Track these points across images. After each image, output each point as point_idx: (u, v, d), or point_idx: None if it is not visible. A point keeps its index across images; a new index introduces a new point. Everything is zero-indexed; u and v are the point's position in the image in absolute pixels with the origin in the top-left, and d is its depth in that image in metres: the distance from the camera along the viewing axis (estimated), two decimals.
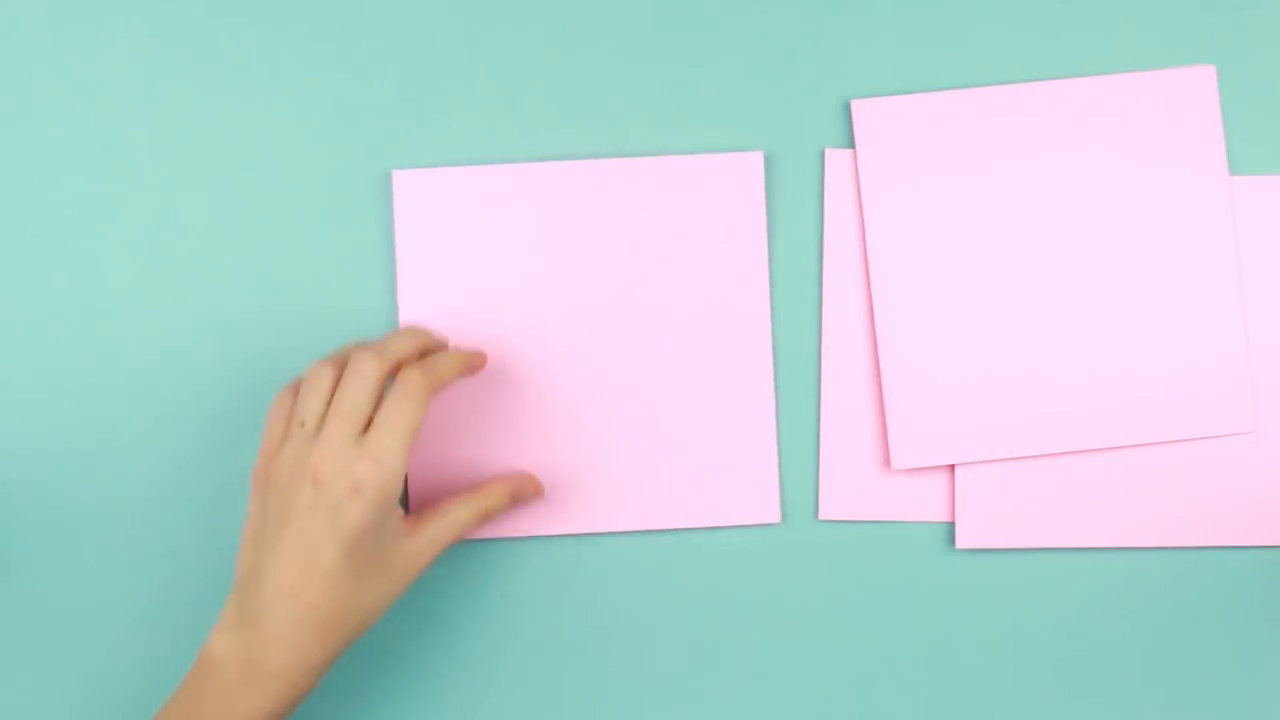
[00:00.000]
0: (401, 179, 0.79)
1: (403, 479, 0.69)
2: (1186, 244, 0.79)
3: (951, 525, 0.80)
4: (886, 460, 0.80)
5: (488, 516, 0.75)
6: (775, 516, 0.79)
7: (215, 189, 0.80)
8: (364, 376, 0.70)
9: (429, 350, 0.75)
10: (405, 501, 0.79)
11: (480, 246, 0.79)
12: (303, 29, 0.80)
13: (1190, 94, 0.79)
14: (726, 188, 0.79)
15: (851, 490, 0.80)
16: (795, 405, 0.80)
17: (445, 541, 0.73)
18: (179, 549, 0.78)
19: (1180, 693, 0.80)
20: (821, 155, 0.80)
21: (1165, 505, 0.79)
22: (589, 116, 0.80)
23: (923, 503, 0.80)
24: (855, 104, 0.79)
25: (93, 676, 0.79)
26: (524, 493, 0.76)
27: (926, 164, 0.79)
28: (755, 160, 0.79)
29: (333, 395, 0.70)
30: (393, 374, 0.72)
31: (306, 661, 0.69)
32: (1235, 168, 0.80)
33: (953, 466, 0.79)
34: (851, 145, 0.80)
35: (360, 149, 0.80)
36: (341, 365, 0.71)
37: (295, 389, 0.73)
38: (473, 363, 0.76)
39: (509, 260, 0.79)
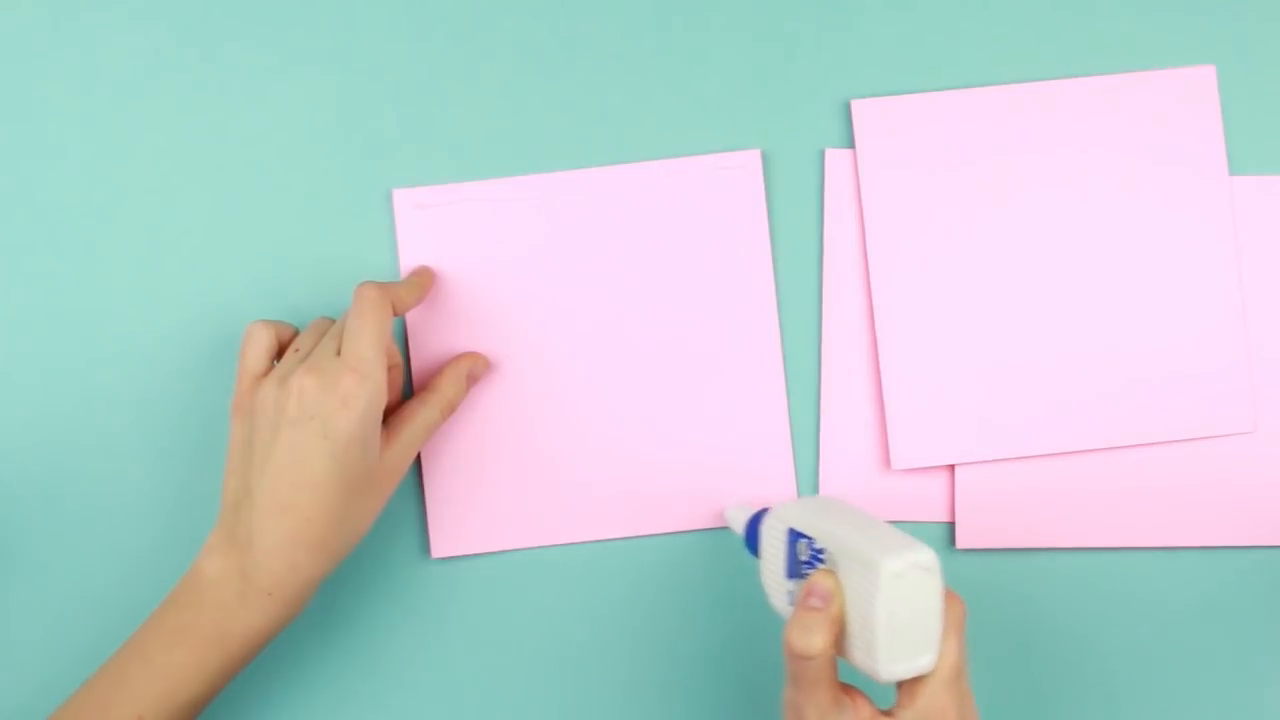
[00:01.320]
0: (401, 197, 0.79)
1: (385, 387, 0.70)
2: (1186, 244, 0.79)
3: (951, 525, 0.80)
4: (886, 460, 0.79)
5: (451, 408, 0.76)
6: None
7: (216, 197, 0.79)
8: (354, 315, 0.71)
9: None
10: (425, 534, 0.80)
11: (482, 259, 0.79)
12: (303, 43, 0.79)
13: (1190, 94, 0.79)
14: (725, 187, 0.79)
15: (852, 490, 0.80)
16: (796, 405, 0.80)
17: (418, 442, 0.74)
18: (179, 549, 0.77)
19: (1180, 693, 0.80)
20: (821, 155, 0.80)
21: (1165, 505, 0.79)
22: (589, 120, 0.80)
23: (923, 503, 0.80)
24: (855, 104, 0.79)
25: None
26: (476, 372, 0.77)
27: (927, 164, 0.79)
28: (753, 158, 0.79)
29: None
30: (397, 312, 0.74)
31: (301, 577, 0.70)
32: (1235, 168, 0.80)
33: (953, 466, 0.79)
34: (851, 145, 0.80)
35: (360, 162, 0.79)
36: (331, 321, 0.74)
37: (268, 324, 0.74)
38: (426, 284, 0.77)
39: (512, 271, 0.79)
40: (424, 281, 0.77)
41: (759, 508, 0.75)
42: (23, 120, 0.79)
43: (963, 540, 0.79)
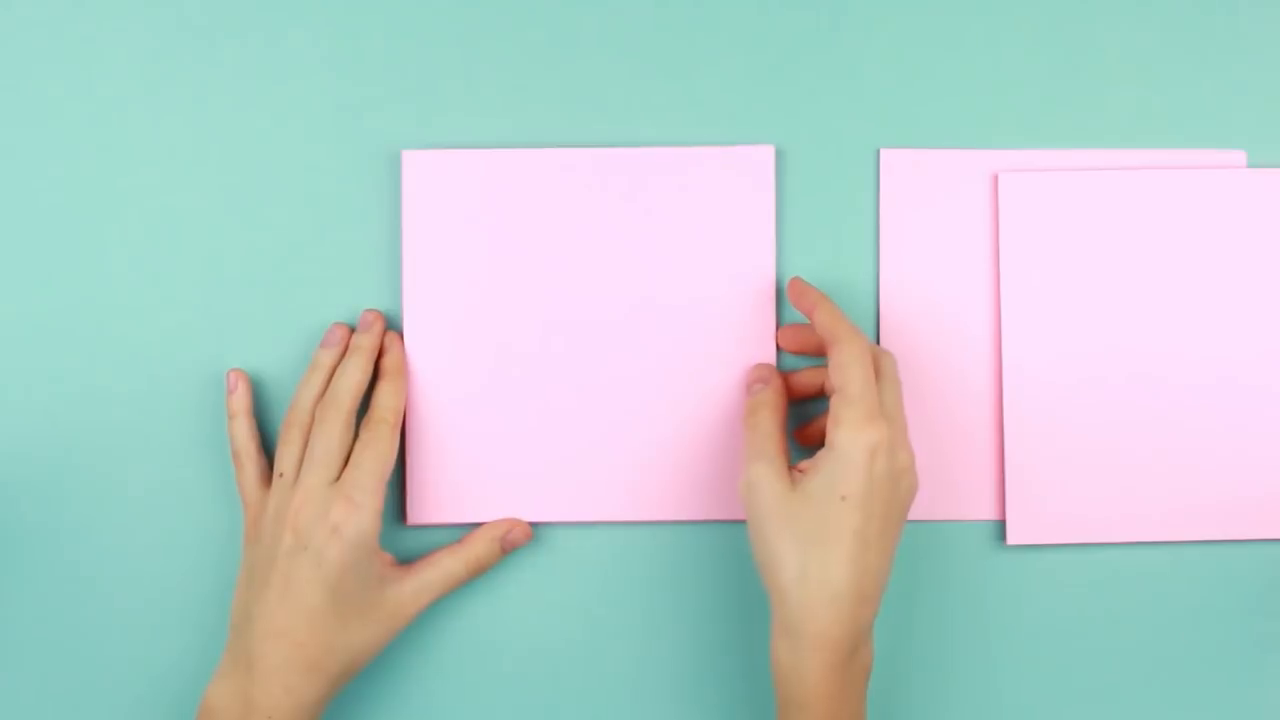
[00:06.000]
0: (411, 159, 0.78)
1: (379, 516, 0.74)
2: None
3: (1002, 523, 0.79)
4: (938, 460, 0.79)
5: (478, 566, 0.77)
6: None
7: (217, 195, 0.79)
8: (329, 424, 0.75)
9: (374, 353, 0.78)
10: (402, 500, 0.79)
11: (487, 231, 0.78)
12: (310, 8, 0.79)
13: None
14: (737, 180, 0.78)
15: None
16: None
17: (435, 588, 0.76)
18: (180, 549, 0.78)
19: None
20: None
21: (1216, 499, 0.79)
22: (601, 104, 0.79)
23: (974, 501, 0.79)
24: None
25: (92, 677, 0.79)
26: (512, 538, 0.78)
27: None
28: (766, 153, 0.78)
29: (305, 445, 0.76)
30: (356, 406, 0.76)
31: (295, 700, 0.73)
32: None
33: (1002, 464, 0.79)
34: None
35: (368, 133, 0.79)
36: (306, 421, 0.76)
37: (249, 449, 0.77)
38: (404, 371, 0.78)
39: (515, 246, 0.78)
40: (403, 374, 0.78)
41: None
42: (23, 120, 0.79)
43: (1013, 537, 0.79)
